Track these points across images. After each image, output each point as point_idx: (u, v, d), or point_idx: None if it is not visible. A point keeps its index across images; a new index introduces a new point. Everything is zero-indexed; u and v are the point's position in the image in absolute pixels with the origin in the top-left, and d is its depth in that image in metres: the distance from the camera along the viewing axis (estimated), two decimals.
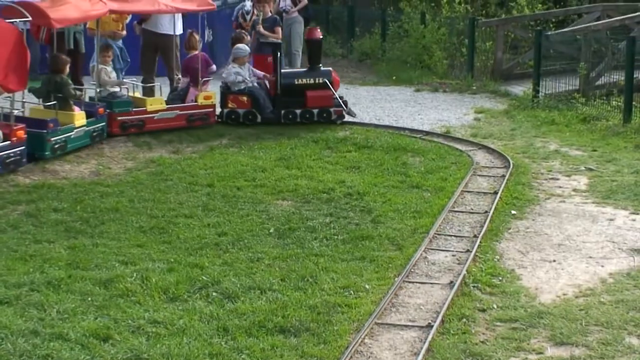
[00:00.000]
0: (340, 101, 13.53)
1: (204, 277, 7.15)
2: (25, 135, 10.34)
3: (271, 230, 8.54)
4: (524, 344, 6.16)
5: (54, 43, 12.46)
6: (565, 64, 16.63)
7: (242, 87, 13.49)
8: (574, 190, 10.27)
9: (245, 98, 13.43)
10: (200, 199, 9.58)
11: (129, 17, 13.98)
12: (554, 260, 7.91)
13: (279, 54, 13.70)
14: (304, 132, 13.00)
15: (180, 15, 13.61)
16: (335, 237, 8.38)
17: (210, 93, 13.44)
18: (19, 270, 7.21)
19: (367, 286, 7.12)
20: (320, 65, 13.87)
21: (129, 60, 13.76)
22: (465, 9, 20.80)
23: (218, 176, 10.50)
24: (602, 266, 7.77)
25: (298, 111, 13.46)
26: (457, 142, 12.71)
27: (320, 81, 13.55)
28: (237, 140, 12.48)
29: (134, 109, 12.51)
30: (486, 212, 9.25)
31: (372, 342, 6.19)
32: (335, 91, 13.64)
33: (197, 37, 13.73)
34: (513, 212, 9.35)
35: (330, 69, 14.16)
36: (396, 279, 7.31)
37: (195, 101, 13.22)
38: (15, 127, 10.26)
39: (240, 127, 13.01)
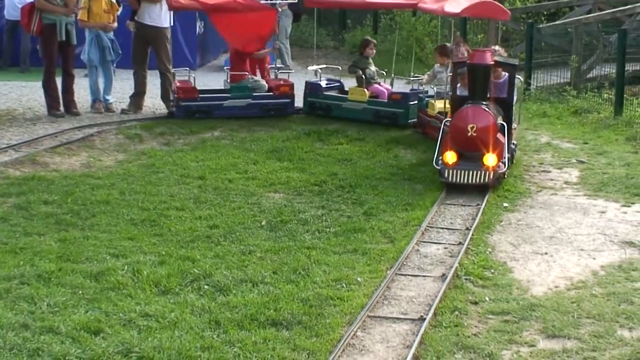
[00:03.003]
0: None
1: (195, 270, 7.12)
2: (290, 91, 13.34)
3: (263, 223, 8.52)
4: (516, 337, 6.15)
5: (46, 34, 12.46)
6: (556, 56, 16.66)
7: None
8: (566, 182, 10.27)
9: None
10: (191, 191, 9.55)
11: (120, 9, 13.89)
12: (546, 253, 7.91)
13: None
14: (296, 124, 12.98)
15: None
16: (327, 229, 8.36)
17: None
18: (9, 263, 7.18)
19: (359, 279, 7.11)
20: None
21: (120, 52, 13.69)
22: None
23: (209, 168, 10.48)
24: (594, 259, 7.77)
25: None
26: None
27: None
28: (228, 132, 12.44)
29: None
30: (478, 204, 9.25)
31: (365, 335, 6.18)
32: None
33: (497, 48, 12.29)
34: (505, 204, 9.35)
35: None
36: (388, 271, 7.30)
37: None
38: (281, 84, 13.34)
39: (232, 120, 12.95)
